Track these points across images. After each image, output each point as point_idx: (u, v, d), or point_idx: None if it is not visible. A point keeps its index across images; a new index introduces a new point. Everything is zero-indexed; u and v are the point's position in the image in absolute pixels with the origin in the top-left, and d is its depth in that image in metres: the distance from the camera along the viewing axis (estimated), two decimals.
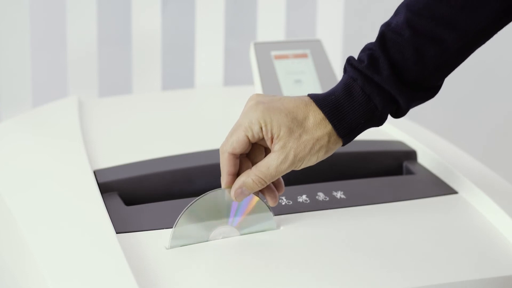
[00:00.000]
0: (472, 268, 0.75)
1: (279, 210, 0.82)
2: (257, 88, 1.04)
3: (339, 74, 1.41)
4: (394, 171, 0.95)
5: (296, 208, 0.83)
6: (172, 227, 0.75)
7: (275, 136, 0.73)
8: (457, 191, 0.89)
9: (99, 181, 0.84)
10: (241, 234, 0.77)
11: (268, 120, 0.72)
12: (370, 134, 1.01)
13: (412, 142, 0.98)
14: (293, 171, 0.75)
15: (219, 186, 0.76)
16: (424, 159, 0.95)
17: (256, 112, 0.73)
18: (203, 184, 0.86)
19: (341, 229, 0.80)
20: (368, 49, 0.74)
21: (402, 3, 0.75)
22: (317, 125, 0.73)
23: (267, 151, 0.76)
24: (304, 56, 1.08)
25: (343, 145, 0.75)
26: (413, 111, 0.79)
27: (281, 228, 0.79)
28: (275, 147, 0.73)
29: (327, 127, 0.73)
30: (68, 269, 0.71)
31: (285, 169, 0.73)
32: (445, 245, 0.79)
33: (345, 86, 0.74)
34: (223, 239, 0.77)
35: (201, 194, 0.76)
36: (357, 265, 0.74)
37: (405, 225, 0.81)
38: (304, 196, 0.85)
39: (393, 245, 0.78)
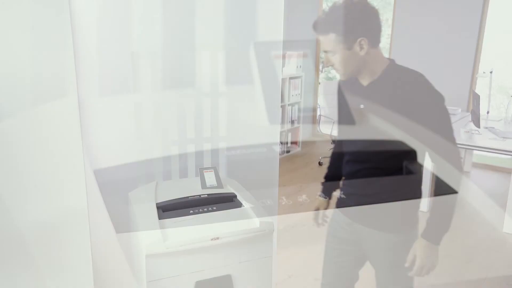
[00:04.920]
0: (473, 268, 0.75)
1: (279, 210, 0.82)
2: (257, 88, 1.04)
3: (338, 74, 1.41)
4: (394, 171, 0.95)
5: (296, 208, 0.83)
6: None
7: None
8: (457, 191, 0.89)
9: (99, 181, 0.84)
10: None
11: None
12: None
13: (412, 142, 0.98)
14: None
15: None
16: (424, 159, 0.95)
17: None
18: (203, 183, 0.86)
19: (341, 229, 0.80)
20: None
21: None
22: None
23: None
24: (304, 56, 1.08)
25: None
26: None
27: (281, 227, 0.79)
28: None
29: None
30: (68, 268, 0.71)
31: None
32: (445, 245, 0.79)
33: None
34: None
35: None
36: (356, 264, 0.74)
37: (404, 225, 0.81)
38: (304, 196, 0.85)
39: (393, 244, 0.78)
